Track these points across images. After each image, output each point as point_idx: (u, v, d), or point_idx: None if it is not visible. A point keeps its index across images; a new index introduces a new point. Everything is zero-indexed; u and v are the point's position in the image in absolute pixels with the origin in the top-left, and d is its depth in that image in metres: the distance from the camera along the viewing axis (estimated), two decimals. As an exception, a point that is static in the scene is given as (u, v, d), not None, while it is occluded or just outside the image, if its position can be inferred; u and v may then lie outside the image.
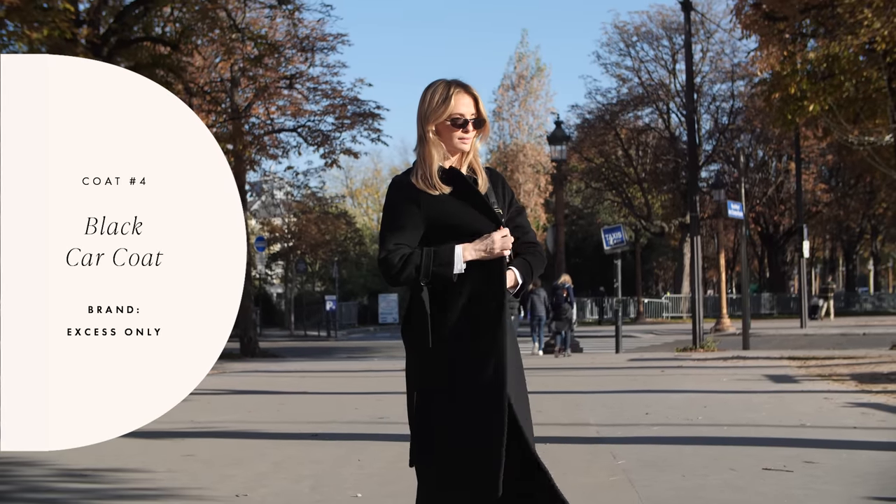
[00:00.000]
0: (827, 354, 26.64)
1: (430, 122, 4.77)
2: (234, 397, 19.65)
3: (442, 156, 4.77)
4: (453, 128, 4.74)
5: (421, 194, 4.69)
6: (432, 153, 4.75)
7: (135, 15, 27.63)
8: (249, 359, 35.11)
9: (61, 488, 9.64)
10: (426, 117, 4.79)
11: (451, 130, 4.75)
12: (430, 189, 4.69)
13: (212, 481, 9.67)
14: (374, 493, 8.75)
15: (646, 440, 11.74)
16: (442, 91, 4.77)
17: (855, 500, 8.03)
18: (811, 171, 70.71)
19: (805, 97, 28.91)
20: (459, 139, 4.76)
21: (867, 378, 19.44)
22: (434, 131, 4.76)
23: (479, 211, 4.74)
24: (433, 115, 4.76)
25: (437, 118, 4.75)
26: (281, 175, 55.54)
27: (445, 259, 4.59)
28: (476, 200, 4.76)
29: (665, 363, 25.65)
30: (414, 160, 4.92)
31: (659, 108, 71.44)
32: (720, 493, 8.47)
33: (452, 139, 4.75)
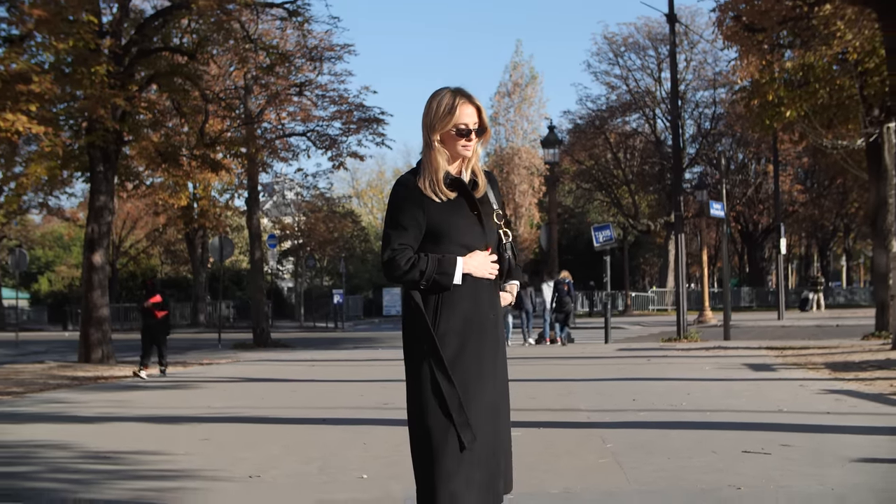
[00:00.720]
0: (802, 344, 26.63)
1: (435, 130, 4.77)
2: (248, 384, 19.65)
3: (447, 161, 4.79)
4: (457, 137, 4.75)
5: (426, 199, 4.70)
6: (438, 160, 4.76)
7: (154, 26, 27.58)
8: (262, 348, 35.09)
9: (86, 469, 9.65)
10: (432, 126, 4.79)
11: (456, 139, 4.75)
12: (435, 196, 4.70)
13: (227, 463, 9.68)
14: (379, 473, 8.75)
15: (633, 425, 11.74)
16: (447, 101, 4.77)
17: (829, 480, 8.03)
18: (788, 173, 70.75)
19: (782, 104, 28.92)
20: (463, 147, 4.77)
21: (840, 367, 19.44)
22: (439, 139, 4.77)
23: (476, 222, 4.76)
24: (439, 125, 4.77)
25: (442, 127, 4.76)
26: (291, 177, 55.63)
27: (448, 269, 4.62)
28: (473, 211, 4.79)
29: (651, 353, 25.64)
30: (417, 160, 4.93)
31: (645, 113, 71.49)
32: (703, 474, 8.47)
33: (456, 146, 4.76)
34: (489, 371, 4.64)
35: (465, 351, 4.62)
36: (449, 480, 4.51)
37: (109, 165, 27.15)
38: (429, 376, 4.62)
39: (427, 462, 4.57)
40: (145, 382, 20.51)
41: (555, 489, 7.77)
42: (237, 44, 30.24)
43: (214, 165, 31.44)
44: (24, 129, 20.58)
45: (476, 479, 4.55)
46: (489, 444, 4.60)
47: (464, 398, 4.56)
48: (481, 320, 4.68)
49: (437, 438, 4.56)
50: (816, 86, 28.98)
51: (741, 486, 7.91)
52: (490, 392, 4.64)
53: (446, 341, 4.61)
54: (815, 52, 28.37)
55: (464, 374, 4.59)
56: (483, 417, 4.60)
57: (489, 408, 4.63)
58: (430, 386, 4.61)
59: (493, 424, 4.62)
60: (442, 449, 4.54)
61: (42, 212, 65.84)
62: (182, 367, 25.41)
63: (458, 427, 4.52)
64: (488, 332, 4.69)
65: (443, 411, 4.57)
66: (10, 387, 20.02)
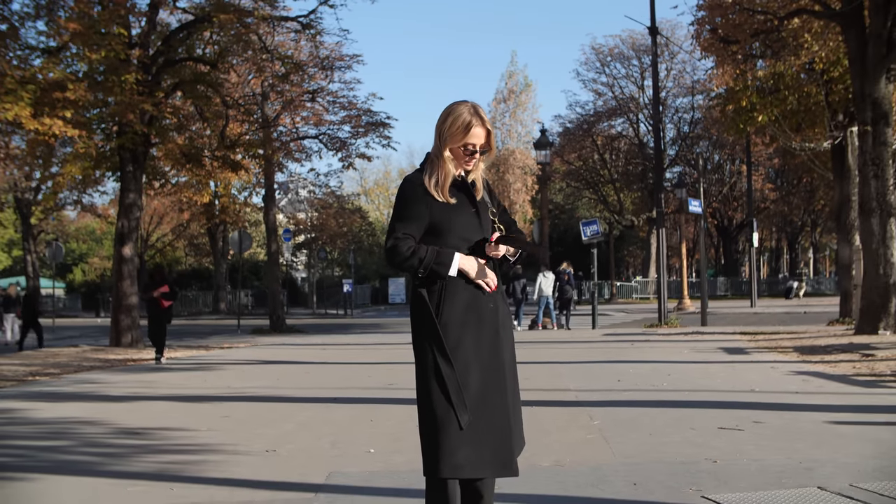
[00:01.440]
0: (773, 330, 26.62)
1: (446, 144, 4.77)
2: (265, 367, 19.64)
3: (454, 167, 4.80)
4: (464, 154, 4.76)
5: (431, 198, 4.71)
6: (448, 168, 4.76)
7: (179, 38, 27.56)
8: (278, 333, 35.10)
9: (117, 444, 9.65)
10: (444, 138, 4.79)
11: (463, 155, 4.77)
12: (440, 197, 4.71)
13: (245, 438, 9.68)
14: (385, 448, 8.76)
15: (618, 403, 11.73)
16: (464, 120, 4.75)
17: (797, 454, 8.04)
18: (760, 173, 70.68)
19: (755, 109, 28.95)
20: (466, 163, 4.79)
21: (807, 350, 19.44)
22: (449, 150, 4.78)
23: (475, 218, 4.78)
24: (451, 139, 4.77)
25: (453, 143, 4.76)
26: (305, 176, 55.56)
27: (445, 261, 4.64)
28: (472, 209, 4.81)
29: (634, 338, 25.63)
30: (421, 161, 4.93)
31: (629, 118, 71.54)
32: (682, 449, 8.47)
33: (461, 160, 4.78)
34: (487, 356, 4.65)
35: (466, 338, 4.63)
36: (452, 455, 4.52)
37: (138, 166, 27.17)
38: (432, 361, 4.63)
39: (432, 438, 4.59)
40: (171, 365, 20.50)
41: (546, 462, 7.78)
42: (255, 54, 30.26)
43: (234, 166, 31.44)
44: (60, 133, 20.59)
45: (479, 454, 4.55)
46: (493, 423, 4.60)
47: (464, 382, 4.57)
48: (481, 309, 4.69)
49: (440, 417, 4.57)
50: (786, 93, 28.99)
51: (717, 459, 7.91)
52: (491, 375, 4.64)
53: (448, 329, 4.62)
54: (784, 62, 28.39)
55: (465, 359, 4.60)
56: (484, 399, 4.61)
57: (490, 389, 4.63)
58: (433, 370, 4.62)
59: (496, 404, 4.62)
60: (445, 427, 4.55)
61: (76, 208, 65.99)
62: (205, 350, 25.43)
63: (455, 408, 4.53)
64: (487, 320, 4.70)
65: (444, 393, 4.58)
66: (47, 368, 20.04)
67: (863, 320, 23.16)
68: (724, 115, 32.65)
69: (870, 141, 22.75)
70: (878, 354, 17.48)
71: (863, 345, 19.58)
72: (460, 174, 4.86)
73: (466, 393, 4.59)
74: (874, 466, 7.43)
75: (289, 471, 7.92)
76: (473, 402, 4.59)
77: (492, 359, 4.67)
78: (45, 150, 28.20)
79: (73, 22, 21.77)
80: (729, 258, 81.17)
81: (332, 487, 7.27)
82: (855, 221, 26.69)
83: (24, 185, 63.35)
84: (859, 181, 24.09)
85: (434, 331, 4.65)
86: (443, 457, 4.55)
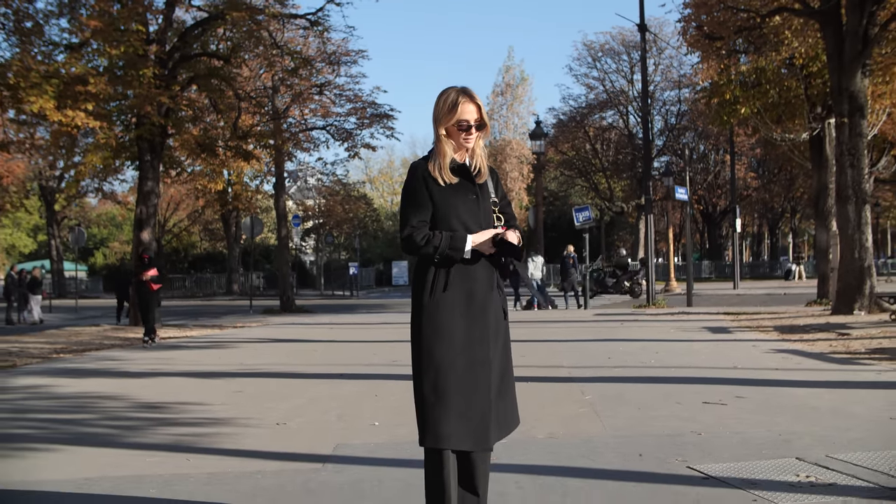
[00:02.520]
0: (755, 310, 26.62)
1: (441, 124, 4.79)
2: (275, 345, 19.66)
3: (452, 150, 4.80)
4: (459, 131, 4.76)
5: (432, 182, 4.72)
6: (445, 150, 4.78)
7: (194, 35, 27.53)
8: (287, 314, 35.12)
9: (136, 417, 9.67)
10: (439, 120, 4.81)
11: (458, 132, 4.77)
12: (441, 179, 4.72)
13: (257, 412, 9.69)
14: (388, 422, 8.77)
15: (608, 379, 11.74)
16: (451, 100, 4.78)
17: (776, 427, 8.04)
18: (743, 162, 70.64)
19: (738, 102, 28.91)
20: (464, 139, 4.78)
21: (787, 329, 19.45)
22: (445, 132, 4.79)
23: (475, 203, 4.77)
24: (444, 119, 4.78)
25: (447, 122, 4.77)
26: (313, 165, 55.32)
27: (458, 246, 4.65)
28: (472, 195, 4.80)
29: (624, 317, 25.64)
30: (430, 149, 4.94)
31: (619, 110, 71.33)
32: (668, 422, 8.48)
33: (458, 139, 4.77)
34: (476, 338, 4.65)
35: (456, 320, 4.64)
36: (436, 428, 4.56)
37: (155, 155, 27.17)
38: (423, 341, 4.66)
39: (420, 412, 4.64)
40: (187, 343, 20.50)
41: (541, 434, 7.79)
42: (266, 50, 30.23)
43: (246, 155, 31.45)
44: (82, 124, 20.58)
45: (461, 429, 4.57)
46: (476, 401, 4.61)
47: (451, 361, 4.59)
48: (473, 290, 4.69)
49: (427, 393, 4.61)
50: (767, 86, 28.94)
51: (701, 431, 7.92)
52: (478, 356, 4.65)
53: (440, 311, 4.63)
54: (766, 58, 28.34)
55: (453, 340, 4.61)
56: (469, 378, 4.61)
57: (476, 369, 4.63)
58: (423, 349, 4.65)
59: (480, 384, 4.63)
60: (431, 403, 4.59)
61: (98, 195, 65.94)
62: (219, 329, 25.44)
63: (436, 387, 4.57)
64: (479, 304, 4.69)
65: (431, 372, 4.60)
66: (71, 346, 20.06)
67: (839, 301, 23.21)
68: (708, 107, 32.63)
69: (846, 132, 22.77)
70: (853, 333, 17.50)
71: (839, 324, 19.60)
72: (463, 160, 4.85)
73: (453, 372, 4.61)
74: (849, 439, 7.44)
75: (298, 443, 7.94)
76: (459, 381, 4.61)
77: (480, 341, 4.67)
78: (67, 141, 28.19)
79: (94, 19, 21.74)
80: (713, 243, 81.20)
81: (338, 458, 7.28)
82: (832, 208, 26.69)
83: (49, 173, 63.52)
84: (836, 170, 24.10)
85: (426, 312, 4.68)
86: (428, 429, 4.60)
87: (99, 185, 57.22)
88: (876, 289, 23.44)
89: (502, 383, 4.77)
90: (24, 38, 20.27)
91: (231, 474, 6.81)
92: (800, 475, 6.22)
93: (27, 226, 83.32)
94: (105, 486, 6.48)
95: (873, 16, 22.51)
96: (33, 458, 7.64)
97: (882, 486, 5.89)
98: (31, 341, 21.37)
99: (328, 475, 6.74)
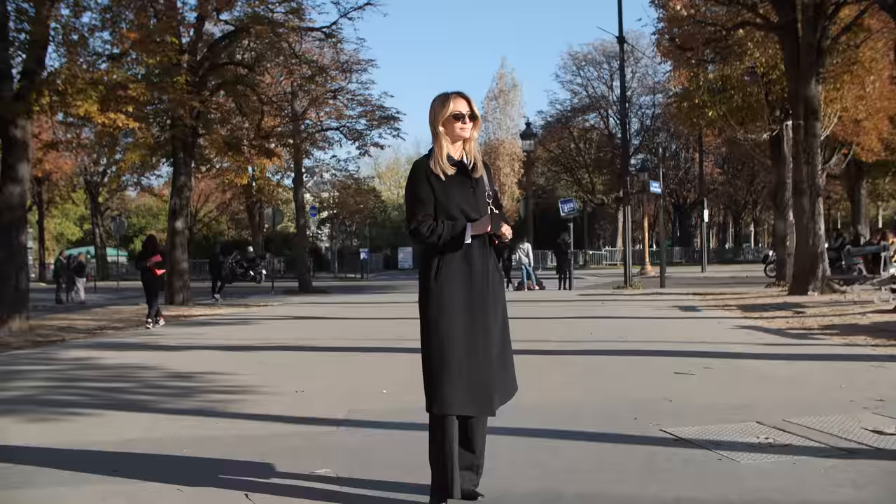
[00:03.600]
0: (720, 291, 26.63)
1: (438, 121, 4.79)
2: (295, 321, 19.68)
3: (449, 144, 4.80)
4: (454, 121, 4.75)
5: (433, 176, 4.72)
6: (442, 145, 4.77)
7: (222, 46, 27.46)
8: (305, 294, 35.09)
9: (170, 385, 9.70)
10: (435, 118, 4.81)
11: (453, 123, 4.76)
12: (441, 174, 4.72)
13: (279, 381, 9.71)
14: (396, 390, 8.79)
15: (590, 352, 11.77)
16: (443, 97, 4.80)
17: (739, 394, 8.07)
18: (710, 159, 70.58)
19: (706, 106, 28.97)
20: (460, 129, 4.77)
21: (749, 308, 19.47)
22: (442, 128, 4.78)
23: (471, 195, 4.76)
24: (440, 115, 4.78)
25: (442, 117, 4.77)
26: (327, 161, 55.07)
27: (459, 233, 4.65)
28: (469, 187, 4.79)
29: (604, 297, 25.65)
30: (430, 148, 4.93)
31: (600, 113, 71.50)
32: (644, 390, 8.51)
33: (454, 129, 4.76)
34: (477, 314, 4.65)
35: (458, 298, 4.64)
36: (442, 396, 4.56)
37: (188, 153, 27.14)
38: (429, 317, 4.67)
39: (428, 381, 4.64)
40: (216, 320, 20.53)
41: (531, 401, 7.80)
42: (285, 59, 30.19)
43: (268, 153, 31.40)
44: (123, 125, 20.52)
45: (465, 396, 4.58)
46: (478, 371, 4.61)
47: (454, 335, 4.60)
48: (472, 272, 4.69)
49: (435, 364, 4.61)
50: (732, 92, 28.99)
51: (672, 398, 7.95)
52: (479, 329, 4.65)
53: (444, 290, 4.64)
54: (731, 66, 28.37)
55: (455, 316, 4.61)
56: (472, 350, 4.62)
57: (478, 342, 4.63)
58: (430, 324, 4.66)
59: (482, 355, 4.63)
60: (438, 372, 4.59)
61: (136, 189, 66.25)
62: (244, 307, 25.46)
63: (443, 358, 4.59)
64: (478, 283, 4.69)
65: (437, 344, 4.62)
66: (113, 323, 20.10)
67: (795, 283, 23.25)
68: (680, 110, 32.64)
69: (802, 133, 22.81)
70: (808, 312, 17.53)
71: (795, 304, 19.62)
72: (460, 156, 4.85)
73: (457, 344, 4.61)
74: (803, 405, 7.47)
75: (315, 408, 7.96)
76: (462, 352, 4.62)
77: (481, 315, 4.67)
78: (110, 140, 28.11)
79: (133, 32, 21.68)
80: (683, 231, 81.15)
81: (351, 422, 7.30)
82: (789, 200, 26.70)
83: (93, 169, 63.50)
84: (793, 167, 24.10)
85: (431, 292, 4.68)
86: (436, 396, 4.60)
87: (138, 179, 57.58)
88: (828, 272, 23.48)
89: (502, 354, 4.78)
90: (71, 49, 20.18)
91: (257, 436, 6.84)
92: (759, 437, 6.25)
93: (74, 216, 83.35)
94: (145, 446, 6.51)
95: (826, 30, 22.57)
96: (82, 421, 7.68)
97: (832, 446, 5.92)
98: (78, 318, 21.40)
99: (342, 436, 6.77)
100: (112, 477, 5.61)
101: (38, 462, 6.09)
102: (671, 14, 26.58)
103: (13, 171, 18.62)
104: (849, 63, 26.11)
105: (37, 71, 18.88)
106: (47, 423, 7.62)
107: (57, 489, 5.37)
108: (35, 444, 6.68)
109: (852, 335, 13.04)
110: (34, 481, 5.59)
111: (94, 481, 5.51)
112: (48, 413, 8.11)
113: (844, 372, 9.40)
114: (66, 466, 5.93)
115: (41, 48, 19.01)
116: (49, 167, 56.48)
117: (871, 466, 5.38)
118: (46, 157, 49.62)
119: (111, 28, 23.14)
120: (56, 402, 8.80)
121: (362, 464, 5.84)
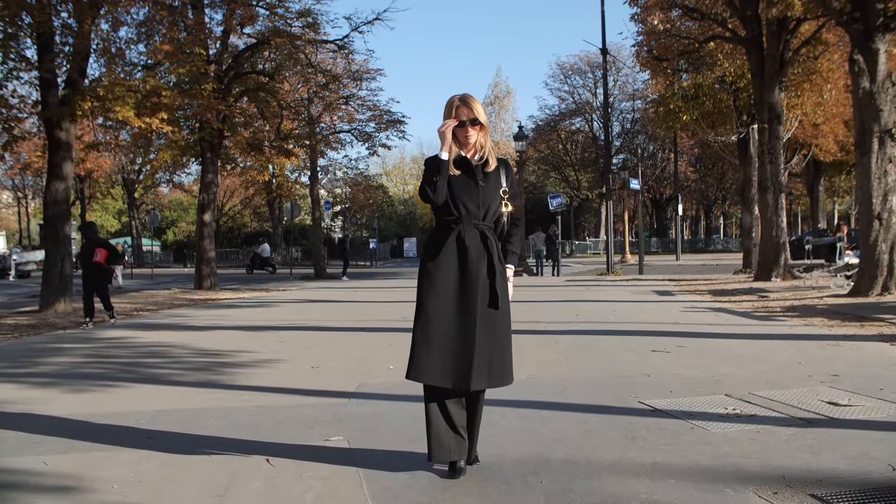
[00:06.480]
0: (693, 277, 26.65)
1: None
2: (310, 304, 19.68)
3: (458, 147, 4.74)
4: (459, 128, 4.70)
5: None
6: (451, 147, 4.72)
7: (245, 56, 27.44)
8: (320, 280, 35.09)
9: (199, 361, 9.69)
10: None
11: (458, 129, 4.71)
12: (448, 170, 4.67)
13: (296, 357, 9.71)
14: (401, 365, 8.70)
15: (576, 332, 11.76)
16: (450, 104, 4.71)
17: (710, 370, 8.06)
18: (684, 159, 70.58)
19: (680, 111, 28.93)
20: (464, 136, 4.71)
21: (719, 292, 19.48)
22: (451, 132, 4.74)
23: (475, 189, 4.68)
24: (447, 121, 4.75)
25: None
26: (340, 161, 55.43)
27: (434, 161, 4.63)
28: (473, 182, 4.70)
29: (589, 283, 25.66)
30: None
31: (585, 118, 71.40)
32: (624, 366, 8.50)
33: (459, 136, 4.72)
34: (467, 291, 4.57)
35: (449, 279, 4.59)
36: (419, 365, 4.55)
37: (214, 153, 27.10)
38: (420, 293, 4.64)
39: (411, 351, 4.61)
40: (239, 302, 20.50)
41: (522, 376, 7.79)
42: (302, 69, 30.20)
43: (287, 153, 31.45)
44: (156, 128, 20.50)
45: (441, 369, 4.52)
46: (459, 347, 4.54)
47: (441, 313, 4.56)
48: (467, 257, 4.62)
49: (417, 336, 4.59)
50: (704, 99, 28.95)
51: (650, 374, 7.94)
52: (464, 309, 4.56)
53: (438, 269, 4.59)
54: (703, 75, 28.33)
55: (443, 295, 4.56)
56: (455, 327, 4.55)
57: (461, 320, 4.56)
58: (420, 299, 4.63)
59: (464, 332, 4.55)
60: (417, 344, 4.57)
61: (168, 185, 66.30)
62: (265, 292, 25.45)
63: (422, 329, 4.57)
64: (471, 266, 4.60)
65: (423, 317, 4.58)
66: (147, 306, 20.09)
67: (760, 271, 23.28)
68: (657, 115, 32.59)
69: (767, 135, 22.82)
70: (771, 296, 17.54)
71: (760, 289, 19.64)
72: (472, 156, 4.77)
73: (440, 320, 4.55)
74: (767, 379, 7.46)
75: (328, 381, 7.95)
76: (444, 328, 4.55)
77: (469, 298, 4.58)
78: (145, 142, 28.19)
79: (166, 45, 21.66)
80: (660, 223, 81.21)
81: (361, 394, 7.30)
82: (755, 196, 26.70)
83: (130, 168, 63.66)
84: (758, 166, 24.10)
85: (426, 272, 4.64)
86: (412, 365, 4.58)
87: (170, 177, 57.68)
88: (789, 261, 23.50)
89: (494, 338, 4.64)
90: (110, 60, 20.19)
91: (276, 406, 6.83)
92: (728, 408, 6.24)
93: (113, 210, 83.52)
94: (176, 416, 6.50)
95: (788, 43, 22.60)
96: (117, 393, 7.67)
97: (792, 416, 5.91)
98: (115, 302, 21.34)
99: (353, 407, 6.76)
100: (146, 445, 5.61)
101: (80, 429, 6.08)
102: (649, 28, 26.57)
103: (58, 169, 18.64)
104: (808, 73, 26.14)
105: (79, 79, 18.90)
106: (87, 394, 7.61)
107: (97, 454, 5.37)
108: (76, 414, 6.68)
109: (811, 317, 13.05)
110: (76, 447, 5.58)
111: (131, 447, 5.52)
112: (87, 385, 8.10)
113: (803, 350, 9.39)
114: (104, 434, 5.93)
115: (83, 59, 19.01)
116: (90, 166, 56.60)
117: (827, 434, 5.38)
118: (88, 157, 49.61)
119: (146, 41, 23.15)
120: (96, 374, 8.80)
121: (370, 432, 5.85)
